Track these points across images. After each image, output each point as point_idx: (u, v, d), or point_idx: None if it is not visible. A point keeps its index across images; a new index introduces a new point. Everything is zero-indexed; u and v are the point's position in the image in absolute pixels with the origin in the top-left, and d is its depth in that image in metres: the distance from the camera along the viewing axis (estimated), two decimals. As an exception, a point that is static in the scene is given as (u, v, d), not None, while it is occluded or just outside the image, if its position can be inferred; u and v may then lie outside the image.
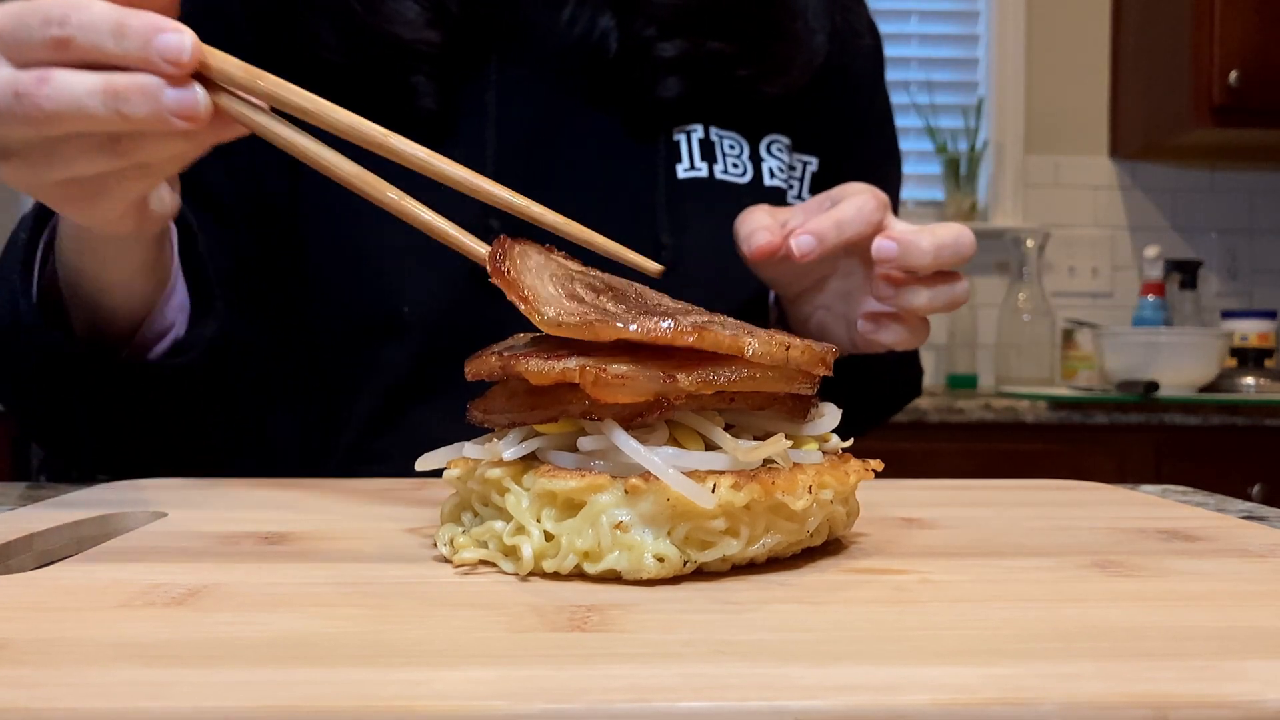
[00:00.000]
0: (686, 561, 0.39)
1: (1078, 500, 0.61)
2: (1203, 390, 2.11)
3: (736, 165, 0.84)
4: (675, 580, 0.39)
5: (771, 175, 0.85)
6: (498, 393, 0.45)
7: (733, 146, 0.84)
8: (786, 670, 0.28)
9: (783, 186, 0.86)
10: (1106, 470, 1.92)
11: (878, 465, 0.46)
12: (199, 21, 0.47)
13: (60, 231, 0.62)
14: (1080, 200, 2.59)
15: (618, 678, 0.28)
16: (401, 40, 0.75)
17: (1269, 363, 2.30)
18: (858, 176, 0.71)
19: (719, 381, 0.40)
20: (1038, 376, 2.37)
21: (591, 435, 0.40)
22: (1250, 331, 2.30)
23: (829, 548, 0.45)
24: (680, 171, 0.82)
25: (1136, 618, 0.34)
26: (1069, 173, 2.59)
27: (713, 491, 0.38)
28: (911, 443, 1.92)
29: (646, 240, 0.81)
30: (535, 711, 0.26)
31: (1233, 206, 2.61)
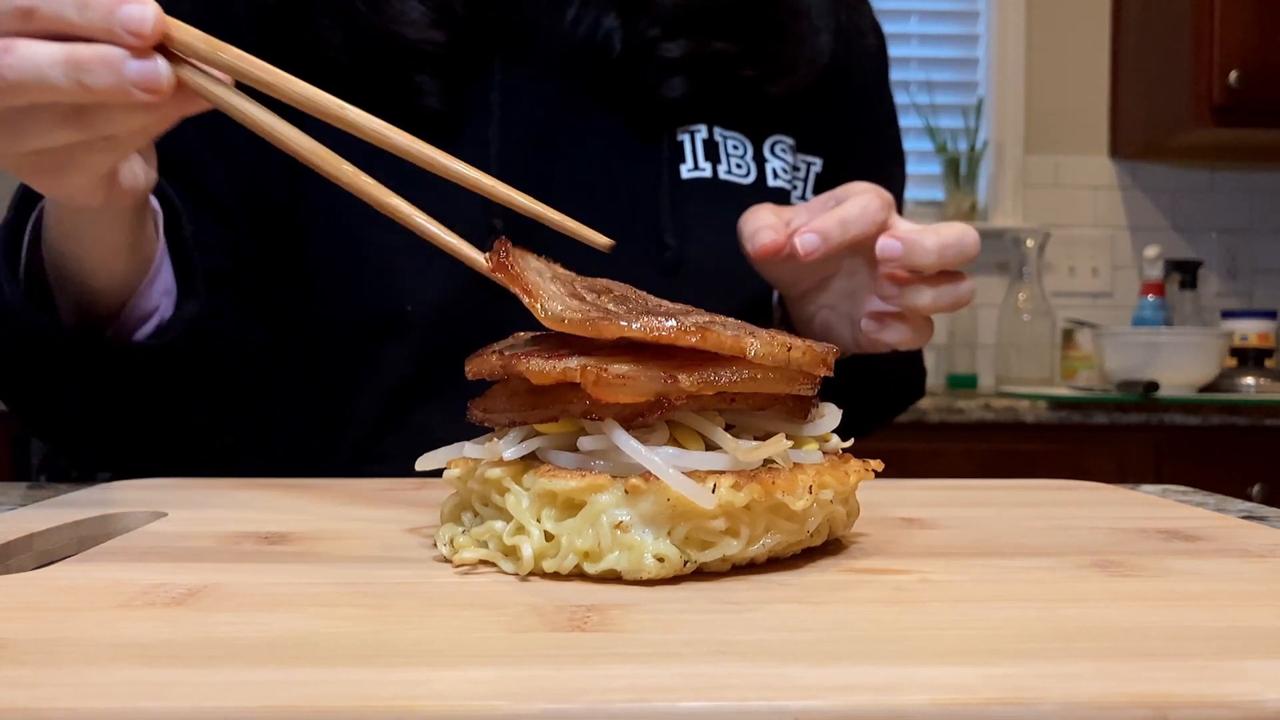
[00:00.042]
0: (686, 561, 0.39)
1: (1078, 500, 0.61)
2: (1203, 390, 2.10)
3: (740, 166, 0.84)
4: (675, 580, 0.39)
5: (775, 176, 0.85)
6: (498, 392, 0.45)
7: (736, 147, 0.84)
8: (786, 670, 0.28)
9: (786, 187, 0.86)
10: (1106, 470, 1.92)
11: (878, 465, 0.46)
12: (202, 20, 0.47)
13: (45, 214, 0.62)
14: (1080, 200, 2.59)
15: (618, 678, 0.28)
16: (406, 40, 0.75)
17: (1269, 363, 2.30)
18: (862, 176, 0.71)
19: (720, 382, 0.40)
20: (1038, 376, 2.37)
21: (592, 435, 0.40)
22: (1250, 331, 2.30)
23: (829, 548, 0.45)
24: (684, 172, 0.82)
25: (1136, 618, 0.34)
26: (1069, 173, 2.59)
27: (713, 491, 0.38)
28: (912, 443, 1.92)
29: (650, 240, 0.81)
30: (535, 711, 0.26)
31: (1233, 206, 2.61)
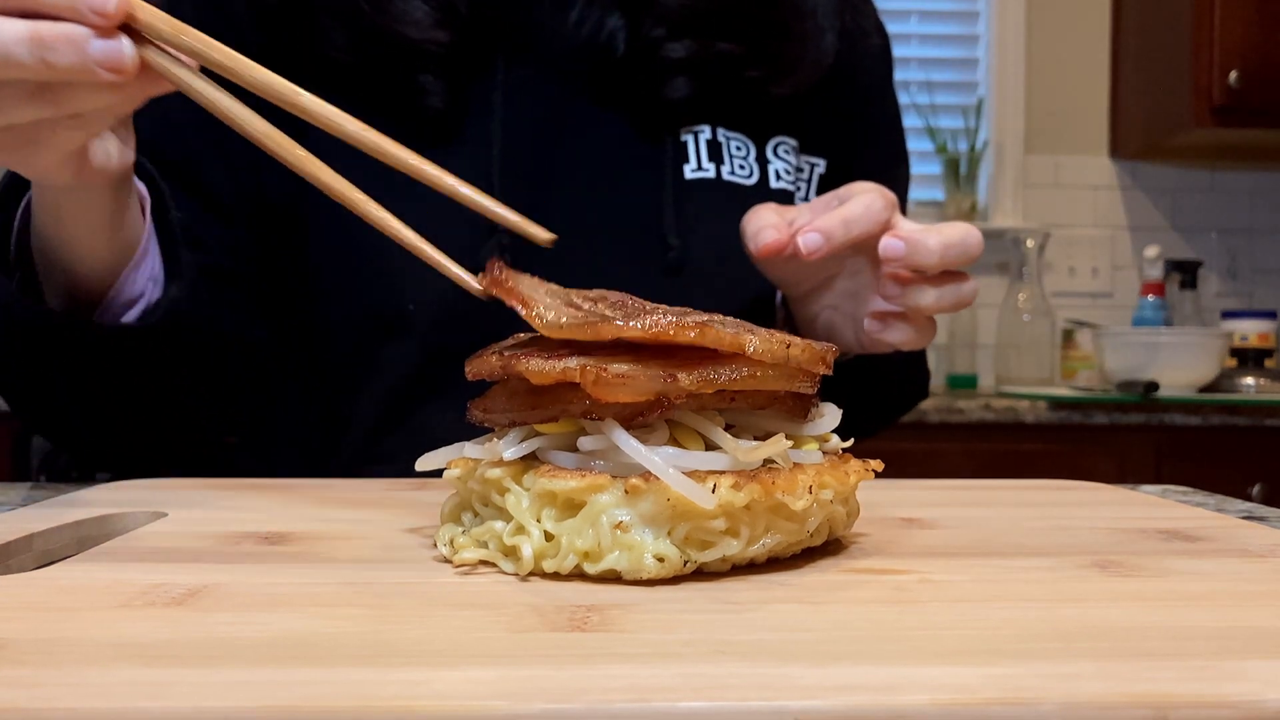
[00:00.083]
0: (686, 561, 0.39)
1: (1078, 500, 0.61)
2: (1203, 390, 2.10)
3: (743, 167, 0.84)
4: (675, 580, 0.39)
5: (778, 177, 0.85)
6: (498, 392, 0.45)
7: (739, 148, 0.84)
8: (786, 670, 0.28)
9: (789, 188, 0.86)
10: (1106, 470, 1.92)
11: (878, 465, 0.46)
12: (203, 19, 0.47)
13: (32, 200, 0.62)
14: (1080, 200, 2.59)
15: (618, 678, 0.28)
16: (409, 40, 0.75)
17: (1269, 363, 2.30)
18: (866, 178, 0.71)
19: (720, 380, 0.40)
20: (1038, 376, 2.37)
21: (592, 435, 0.40)
22: (1250, 331, 2.30)
23: (829, 548, 0.45)
24: (687, 172, 0.82)
25: (1136, 618, 0.34)
26: (1069, 173, 2.59)
27: (713, 491, 0.38)
28: (911, 443, 1.92)
29: (653, 240, 0.81)
30: (535, 711, 0.26)
31: (1233, 206, 2.61)
